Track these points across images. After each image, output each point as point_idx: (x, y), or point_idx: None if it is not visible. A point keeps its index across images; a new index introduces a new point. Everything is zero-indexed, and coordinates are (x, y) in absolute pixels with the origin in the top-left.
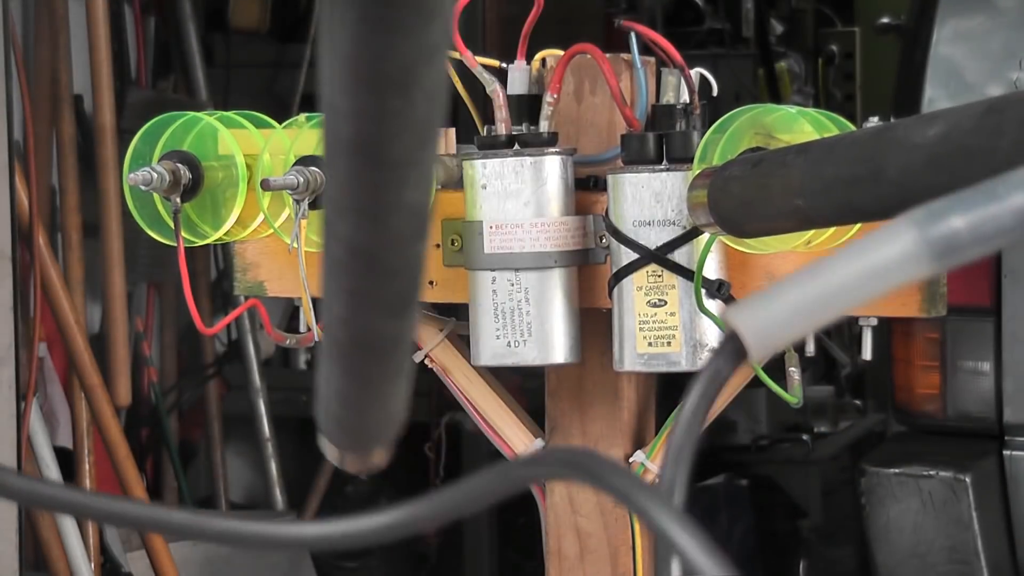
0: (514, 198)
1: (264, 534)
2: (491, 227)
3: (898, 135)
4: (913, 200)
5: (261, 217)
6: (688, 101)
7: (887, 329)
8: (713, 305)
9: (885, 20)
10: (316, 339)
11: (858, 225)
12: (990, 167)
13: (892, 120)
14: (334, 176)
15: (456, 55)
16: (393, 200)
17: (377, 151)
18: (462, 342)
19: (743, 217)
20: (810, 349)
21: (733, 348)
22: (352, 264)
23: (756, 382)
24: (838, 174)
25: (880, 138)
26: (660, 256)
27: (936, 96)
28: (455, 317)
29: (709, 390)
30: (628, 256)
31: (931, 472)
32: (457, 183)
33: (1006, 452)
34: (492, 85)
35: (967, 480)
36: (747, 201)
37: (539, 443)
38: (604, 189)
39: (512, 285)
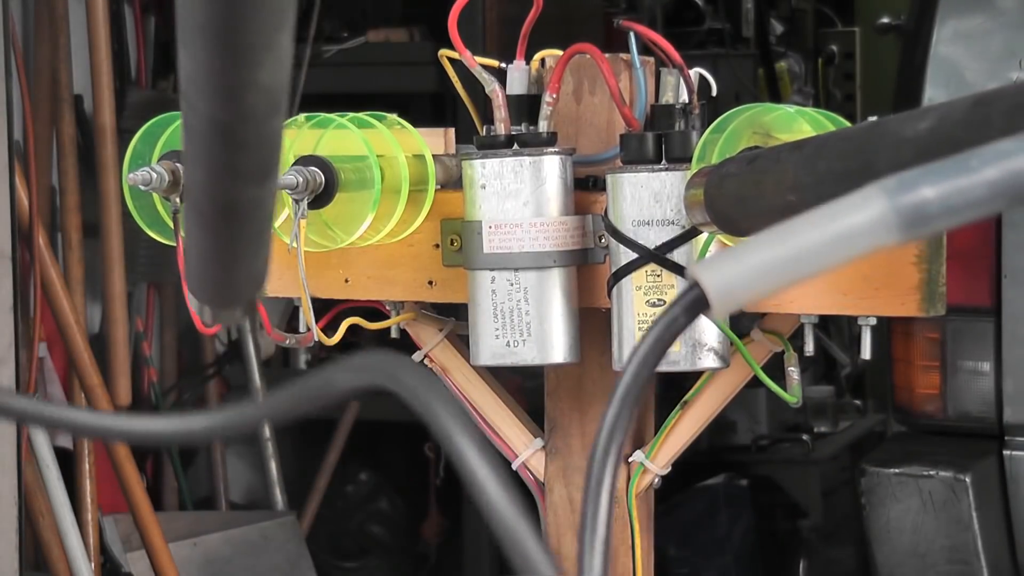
0: (513, 198)
1: (88, 423)
2: (490, 227)
3: (889, 129)
4: None
5: None
6: (687, 101)
7: (887, 329)
8: None
9: (885, 20)
10: (316, 339)
11: None
12: None
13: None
14: (192, 55)
15: (455, 55)
16: (247, 79)
17: (231, 33)
18: (461, 342)
19: (738, 214)
20: (810, 349)
21: (694, 299)
22: (211, 137)
23: (756, 382)
24: (830, 168)
25: (872, 133)
26: (659, 256)
27: (936, 96)
28: (454, 317)
29: (664, 335)
30: (627, 256)
31: (931, 472)
32: (456, 183)
33: (1006, 452)
34: (491, 85)
35: (967, 480)
36: (741, 198)
37: (539, 443)
38: (603, 189)
39: (511, 285)
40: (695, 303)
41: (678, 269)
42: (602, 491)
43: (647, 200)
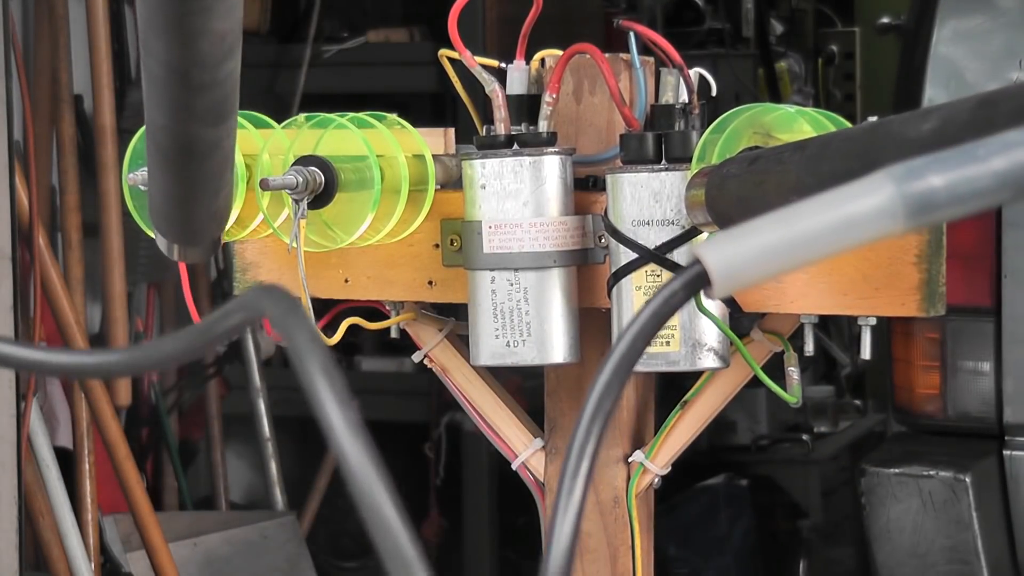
0: (513, 198)
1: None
2: (490, 227)
3: (892, 130)
4: None
5: (260, 217)
6: (687, 101)
7: (887, 329)
8: (712, 305)
9: (885, 20)
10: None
11: None
12: None
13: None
14: (146, 3)
15: (455, 55)
16: (199, 26)
17: None
18: (461, 342)
19: (739, 215)
20: (809, 349)
21: (695, 275)
22: (168, 80)
23: (756, 382)
24: (833, 169)
25: (875, 134)
26: (659, 256)
27: (936, 96)
28: (454, 317)
29: (662, 309)
30: (627, 256)
31: (931, 472)
32: (456, 183)
33: (1006, 452)
34: (491, 85)
35: (967, 480)
36: (743, 198)
37: (538, 443)
38: (603, 189)
39: (511, 285)
40: (696, 279)
41: (678, 269)
42: (583, 460)
43: (647, 200)
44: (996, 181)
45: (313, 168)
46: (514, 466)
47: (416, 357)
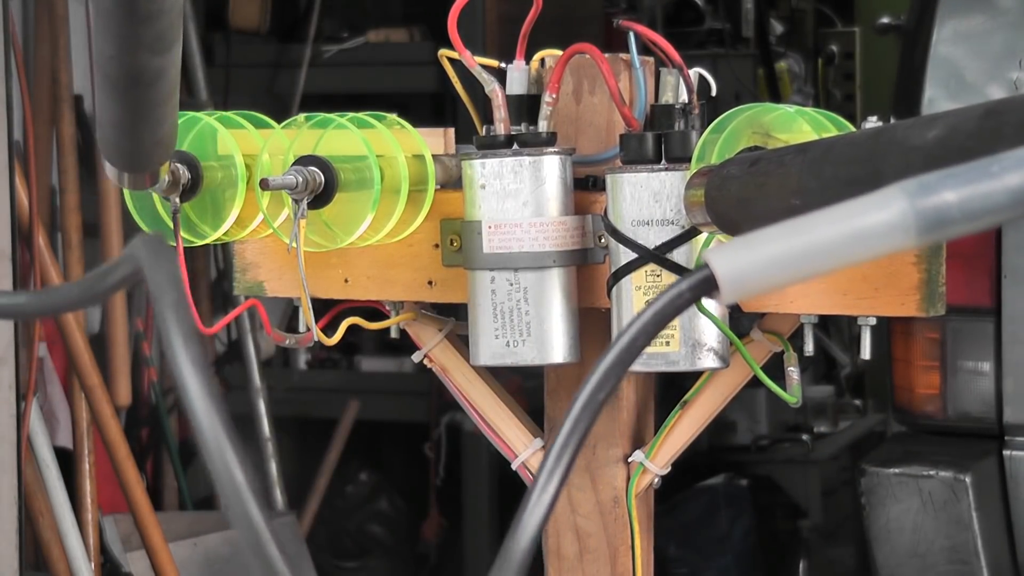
0: (513, 198)
1: None
2: (490, 227)
3: (897, 137)
4: None
5: (260, 217)
6: (687, 101)
7: (887, 329)
8: (711, 305)
9: (885, 20)
10: (315, 339)
11: None
12: None
13: (891, 120)
14: None
15: (455, 55)
16: None
17: None
18: (461, 342)
19: (739, 216)
20: (809, 349)
21: (703, 278)
22: (116, 11)
23: (756, 382)
24: (836, 174)
25: (879, 139)
26: (659, 255)
27: (936, 96)
28: (454, 317)
29: (667, 309)
30: (627, 256)
31: (931, 472)
32: (456, 183)
33: (1006, 452)
34: (491, 85)
35: (967, 480)
36: (744, 200)
37: (538, 443)
38: (603, 189)
39: (511, 285)
40: (703, 283)
41: (678, 269)
42: (566, 450)
43: (646, 200)
44: (1009, 198)
45: (313, 168)
46: (514, 466)
47: (416, 357)
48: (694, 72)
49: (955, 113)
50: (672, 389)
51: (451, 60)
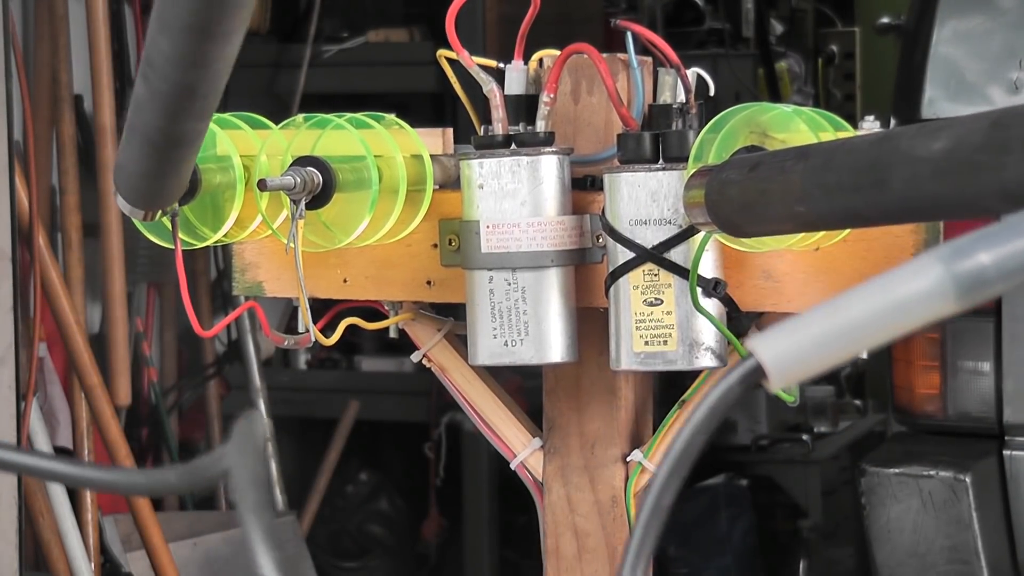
0: (511, 198)
1: None
2: (488, 227)
3: (900, 146)
4: (918, 210)
5: (260, 218)
6: (685, 101)
7: None
8: (709, 303)
9: (885, 20)
10: (314, 340)
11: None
12: (996, 182)
13: (891, 121)
14: (170, 36)
15: (454, 55)
16: (216, 54)
17: (205, 25)
18: (460, 342)
19: (743, 220)
20: None
21: (751, 368)
22: (175, 94)
23: None
24: (840, 182)
25: (883, 148)
26: (656, 255)
27: (936, 96)
28: (453, 317)
29: (719, 405)
30: (624, 255)
31: (931, 472)
32: (454, 183)
33: (1006, 452)
34: (489, 85)
35: (967, 480)
36: (746, 205)
37: (537, 442)
38: (601, 188)
39: (509, 285)
40: (751, 373)
41: (675, 268)
42: (640, 561)
43: (644, 200)
44: None
45: (311, 169)
46: (513, 466)
47: (415, 357)
48: (692, 72)
49: (960, 123)
50: (671, 388)
51: (450, 60)
